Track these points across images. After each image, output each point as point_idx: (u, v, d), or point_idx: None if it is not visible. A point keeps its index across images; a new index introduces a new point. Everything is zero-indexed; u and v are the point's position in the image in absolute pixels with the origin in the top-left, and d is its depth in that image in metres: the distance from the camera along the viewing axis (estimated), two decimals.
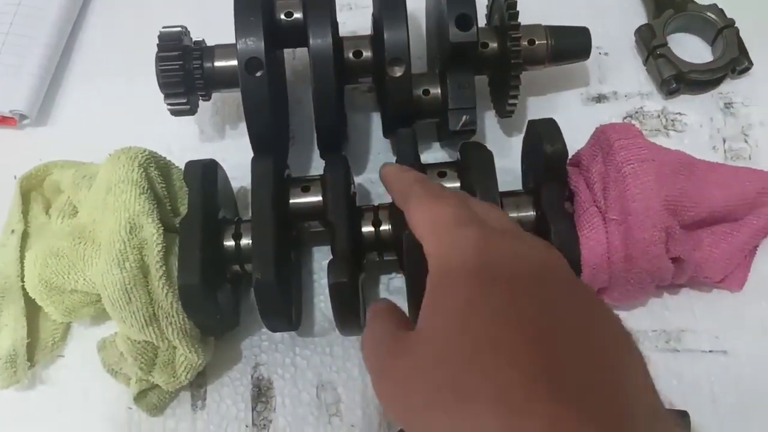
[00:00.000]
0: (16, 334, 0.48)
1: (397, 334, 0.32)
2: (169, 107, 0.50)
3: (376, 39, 0.49)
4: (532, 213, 0.46)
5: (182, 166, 0.49)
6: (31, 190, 0.52)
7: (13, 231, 0.49)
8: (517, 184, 0.52)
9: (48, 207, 0.52)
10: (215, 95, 0.55)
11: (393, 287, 0.52)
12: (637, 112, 0.57)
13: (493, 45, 0.50)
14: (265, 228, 0.43)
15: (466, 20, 0.45)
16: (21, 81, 0.57)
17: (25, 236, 0.50)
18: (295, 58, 0.60)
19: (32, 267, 0.47)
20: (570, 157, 0.48)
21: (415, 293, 0.44)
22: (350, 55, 0.50)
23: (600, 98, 0.58)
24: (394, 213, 0.46)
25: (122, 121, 0.58)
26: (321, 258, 0.53)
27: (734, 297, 0.50)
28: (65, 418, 0.49)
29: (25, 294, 0.48)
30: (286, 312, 0.45)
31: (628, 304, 0.49)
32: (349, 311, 0.43)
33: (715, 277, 0.47)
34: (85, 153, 0.52)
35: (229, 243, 0.46)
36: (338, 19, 0.58)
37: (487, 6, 0.55)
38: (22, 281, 0.48)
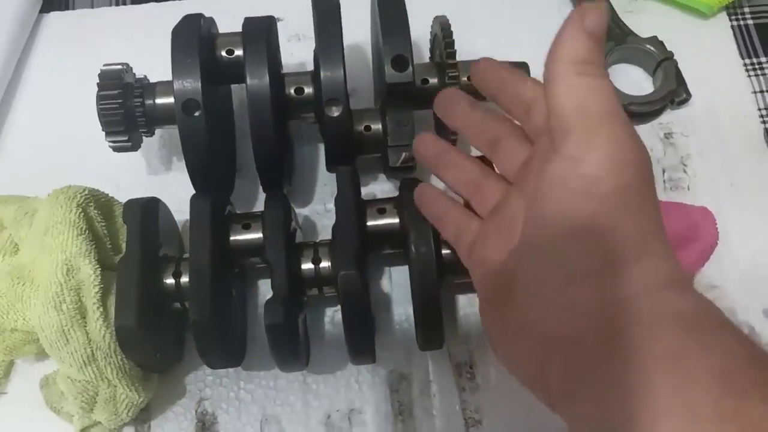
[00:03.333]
0: None
1: None
2: (111, 144, 0.50)
3: (316, 75, 0.50)
4: None
5: None
6: None
7: None
8: None
9: None
10: (162, 129, 0.56)
11: (337, 320, 0.52)
12: None
13: (434, 81, 0.51)
14: (201, 268, 0.44)
15: (402, 61, 0.46)
16: None
17: None
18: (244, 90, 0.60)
19: None
20: None
21: (350, 329, 0.44)
22: (292, 91, 0.50)
23: None
24: (334, 249, 0.47)
25: (69, 154, 0.58)
26: (267, 291, 0.53)
27: None
28: None
29: None
30: (226, 349, 0.46)
31: None
32: (287, 351, 0.44)
33: None
34: (30, 187, 0.52)
35: (170, 281, 0.47)
36: (287, 50, 0.59)
37: (430, 40, 0.55)
38: None
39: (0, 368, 0.50)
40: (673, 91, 0.56)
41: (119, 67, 0.49)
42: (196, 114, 0.45)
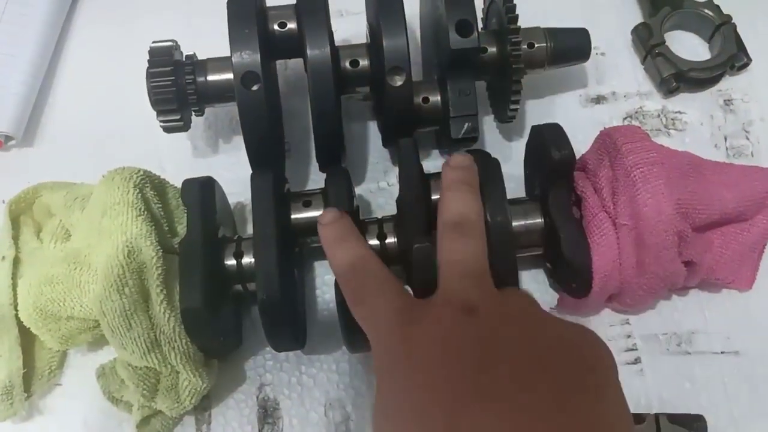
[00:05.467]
0: (11, 365, 0.46)
1: None
2: (162, 124, 0.48)
3: (373, 47, 0.48)
4: (540, 220, 0.45)
5: (176, 184, 0.48)
6: (21, 214, 0.50)
7: (3, 258, 0.48)
8: (519, 190, 0.52)
9: (39, 231, 0.50)
10: (208, 110, 0.54)
11: None
12: (636, 112, 0.56)
13: (492, 50, 0.49)
14: (267, 246, 0.42)
15: (467, 26, 0.44)
16: (5, 101, 0.55)
17: (16, 262, 0.48)
18: (287, 68, 0.59)
19: (26, 295, 0.45)
20: (576, 160, 0.48)
21: None
22: (347, 64, 0.48)
23: (599, 99, 0.57)
24: (399, 225, 0.45)
25: (111, 139, 0.56)
26: (324, 273, 0.52)
27: (744, 296, 0.49)
28: None
29: (19, 322, 0.46)
30: (292, 331, 0.44)
31: (639, 308, 0.48)
32: (359, 329, 0.42)
33: (726, 278, 0.46)
34: (74, 173, 0.51)
35: (231, 262, 0.45)
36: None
37: (483, 9, 0.54)
38: (15, 310, 0.46)
39: (54, 358, 0.49)
40: (733, 55, 0.55)
41: (169, 43, 0.47)
42: (255, 88, 0.44)
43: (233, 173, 0.54)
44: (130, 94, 0.52)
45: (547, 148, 0.43)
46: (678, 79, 0.54)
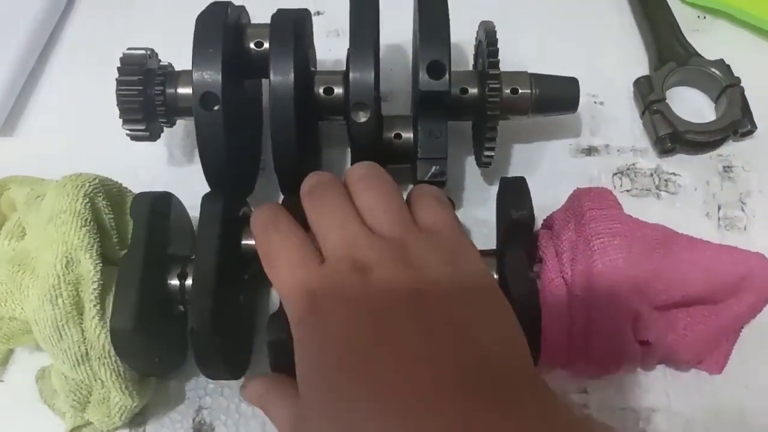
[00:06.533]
0: None
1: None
2: (128, 132, 0.48)
3: (347, 76, 0.46)
4: (495, 276, 0.42)
5: None
6: None
7: None
8: (493, 237, 0.49)
9: (2, 225, 0.50)
10: (186, 119, 0.53)
11: None
12: (628, 169, 0.53)
13: (474, 91, 0.47)
14: (205, 274, 0.41)
15: (438, 68, 0.42)
16: None
17: None
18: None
19: None
20: (545, 217, 0.46)
21: None
22: (321, 91, 0.47)
23: (590, 151, 0.54)
24: None
25: (89, 140, 0.56)
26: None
27: (712, 380, 0.46)
28: None
29: None
30: (227, 361, 0.43)
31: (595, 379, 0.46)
32: (287, 369, 0.41)
33: (690, 361, 0.43)
34: (50, 169, 0.50)
35: (174, 282, 0.44)
36: (325, 46, 0.56)
37: (475, 46, 0.52)
38: None
39: None
40: (736, 121, 0.51)
41: (142, 51, 0.47)
42: (215, 108, 0.42)
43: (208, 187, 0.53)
44: (111, 98, 0.52)
45: (507, 205, 0.41)
46: (674, 139, 0.51)
